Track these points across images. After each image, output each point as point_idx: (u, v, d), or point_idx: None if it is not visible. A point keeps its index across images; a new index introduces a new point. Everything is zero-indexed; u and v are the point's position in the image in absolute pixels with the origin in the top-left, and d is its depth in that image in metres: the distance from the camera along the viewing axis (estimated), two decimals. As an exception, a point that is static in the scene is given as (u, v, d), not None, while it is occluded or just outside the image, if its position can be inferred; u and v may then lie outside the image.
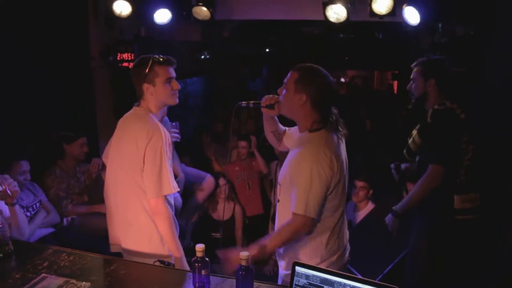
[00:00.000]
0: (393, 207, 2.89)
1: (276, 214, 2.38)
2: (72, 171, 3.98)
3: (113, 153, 2.50)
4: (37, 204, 3.61)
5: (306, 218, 2.07)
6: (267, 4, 4.36)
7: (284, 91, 2.20)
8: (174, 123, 2.72)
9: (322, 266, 2.13)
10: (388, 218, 2.93)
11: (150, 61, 2.38)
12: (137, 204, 2.38)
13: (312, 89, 2.11)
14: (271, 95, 2.31)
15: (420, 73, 2.87)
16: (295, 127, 2.38)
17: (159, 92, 2.41)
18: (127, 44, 4.75)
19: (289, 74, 2.20)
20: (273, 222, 2.64)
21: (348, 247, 2.36)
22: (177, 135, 2.68)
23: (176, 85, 2.46)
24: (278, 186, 2.30)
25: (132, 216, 2.41)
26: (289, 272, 2.18)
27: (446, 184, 2.73)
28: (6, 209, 2.76)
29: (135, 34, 4.86)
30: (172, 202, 2.51)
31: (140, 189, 2.36)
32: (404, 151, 3.05)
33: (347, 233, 2.35)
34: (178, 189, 2.42)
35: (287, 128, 2.53)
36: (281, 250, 2.31)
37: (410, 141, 2.96)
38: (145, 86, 2.39)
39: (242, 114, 6.89)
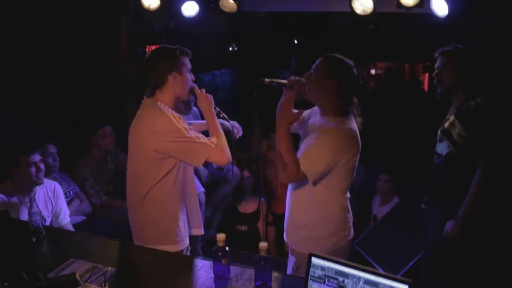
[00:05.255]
0: (458, 215, 2.67)
1: (289, 191, 2.45)
2: (104, 162, 4.06)
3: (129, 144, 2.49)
4: (71, 192, 3.74)
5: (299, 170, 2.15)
6: (293, -4, 4.35)
7: (313, 76, 2.28)
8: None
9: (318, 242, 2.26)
10: (449, 225, 2.70)
11: (178, 50, 2.39)
12: (142, 192, 2.35)
13: (341, 76, 2.23)
14: (297, 77, 2.33)
15: (455, 60, 2.69)
16: (307, 110, 2.47)
17: (185, 81, 2.41)
18: (156, 36, 4.83)
19: (318, 61, 2.29)
20: None
21: (352, 233, 2.42)
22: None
23: (193, 77, 2.49)
24: None
25: (143, 204, 2.39)
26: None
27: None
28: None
29: (163, 26, 4.93)
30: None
31: (145, 176, 2.33)
32: (439, 133, 2.81)
33: (350, 217, 2.40)
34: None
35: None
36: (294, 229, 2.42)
37: (455, 133, 2.66)
38: (174, 74, 2.36)
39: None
